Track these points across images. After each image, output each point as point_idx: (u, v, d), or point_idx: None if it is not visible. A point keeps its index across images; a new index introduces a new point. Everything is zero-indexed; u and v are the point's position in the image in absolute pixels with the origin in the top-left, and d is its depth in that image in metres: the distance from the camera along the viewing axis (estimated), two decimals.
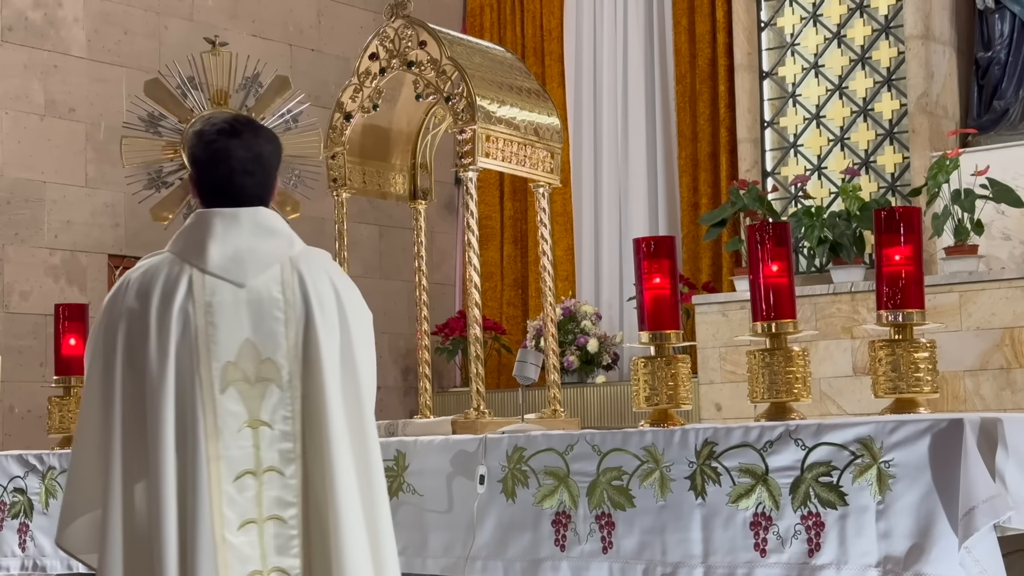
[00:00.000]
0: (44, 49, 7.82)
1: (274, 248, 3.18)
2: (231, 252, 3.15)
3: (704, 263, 8.96)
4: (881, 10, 8.12)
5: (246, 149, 3.21)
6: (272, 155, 3.26)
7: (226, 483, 3.07)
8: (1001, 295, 6.96)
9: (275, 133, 3.37)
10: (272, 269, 3.15)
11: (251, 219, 3.19)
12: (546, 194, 4.76)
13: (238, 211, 3.19)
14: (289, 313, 3.13)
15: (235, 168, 3.20)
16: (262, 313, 3.13)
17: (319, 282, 3.17)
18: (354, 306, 3.23)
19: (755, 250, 3.70)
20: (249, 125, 3.28)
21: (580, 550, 3.64)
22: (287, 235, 3.22)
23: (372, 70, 4.64)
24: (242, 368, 3.11)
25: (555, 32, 9.80)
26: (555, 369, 4.73)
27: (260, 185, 3.23)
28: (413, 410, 9.05)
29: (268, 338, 3.12)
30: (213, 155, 3.22)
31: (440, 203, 9.46)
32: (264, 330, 3.12)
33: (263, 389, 3.11)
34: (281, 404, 3.11)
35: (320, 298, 3.16)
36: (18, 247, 7.63)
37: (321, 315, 3.14)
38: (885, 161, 8.07)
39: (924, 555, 3.13)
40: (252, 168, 3.21)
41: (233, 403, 3.09)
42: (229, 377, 3.11)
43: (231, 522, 3.06)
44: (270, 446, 3.10)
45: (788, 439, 3.36)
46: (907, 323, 3.57)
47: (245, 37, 8.81)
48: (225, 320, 3.12)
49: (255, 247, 3.16)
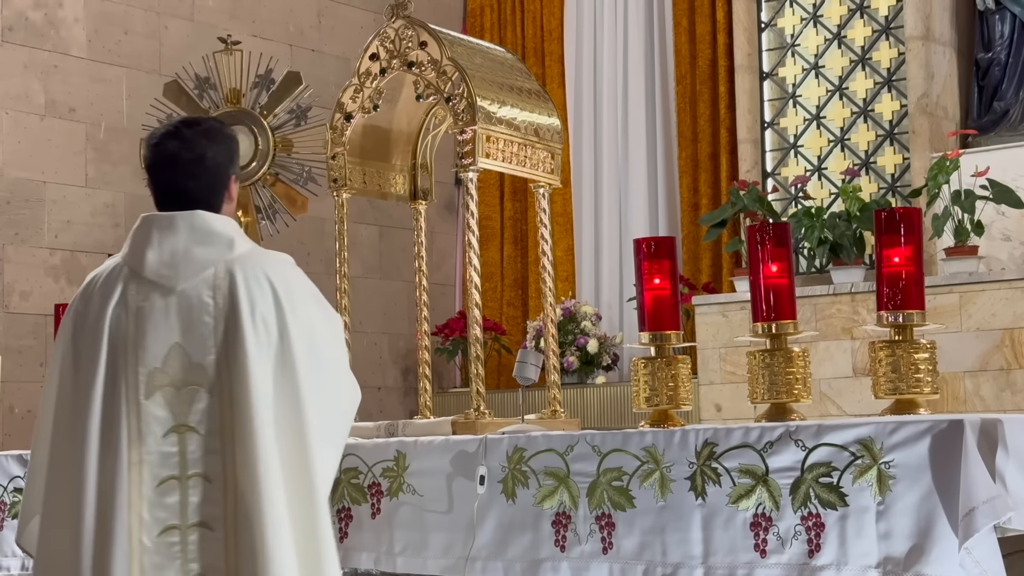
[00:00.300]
0: (44, 49, 7.82)
1: (209, 252, 3.15)
2: (166, 257, 3.15)
3: (704, 264, 8.96)
4: (881, 11, 8.12)
5: (188, 151, 3.20)
6: (218, 156, 3.23)
7: (148, 488, 3.06)
8: (1001, 296, 6.96)
9: (228, 133, 3.32)
10: (205, 273, 3.13)
11: (188, 223, 3.17)
12: (546, 194, 4.76)
13: (175, 216, 3.19)
14: (218, 317, 3.10)
15: (178, 171, 3.21)
16: (192, 318, 3.11)
17: (252, 284, 3.12)
18: (298, 307, 3.16)
19: (755, 251, 3.70)
20: (195, 127, 3.25)
21: (580, 550, 3.64)
22: (227, 238, 3.18)
23: (372, 70, 4.64)
24: (169, 373, 3.10)
25: (555, 33, 9.80)
26: (555, 370, 4.73)
27: (207, 188, 3.22)
28: (413, 410, 9.05)
29: (198, 343, 3.10)
30: (157, 159, 3.23)
31: (440, 203, 9.46)
32: (194, 335, 3.11)
33: (192, 394, 3.09)
34: (209, 409, 3.08)
35: (252, 300, 3.10)
36: (18, 247, 7.63)
37: (250, 318, 3.09)
38: (885, 162, 8.07)
39: (924, 556, 3.13)
40: (195, 170, 3.20)
41: (159, 408, 3.08)
42: (156, 382, 3.10)
43: (151, 527, 3.05)
44: (197, 452, 3.07)
45: (788, 440, 3.36)
46: (907, 324, 3.57)
47: (245, 37, 8.80)
48: (154, 325, 3.12)
49: (189, 251, 3.15)
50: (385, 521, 4.00)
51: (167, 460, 3.07)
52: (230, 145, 3.29)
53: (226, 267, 3.13)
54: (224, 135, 3.29)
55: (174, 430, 3.08)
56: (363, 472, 4.06)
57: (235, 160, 3.32)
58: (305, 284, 3.25)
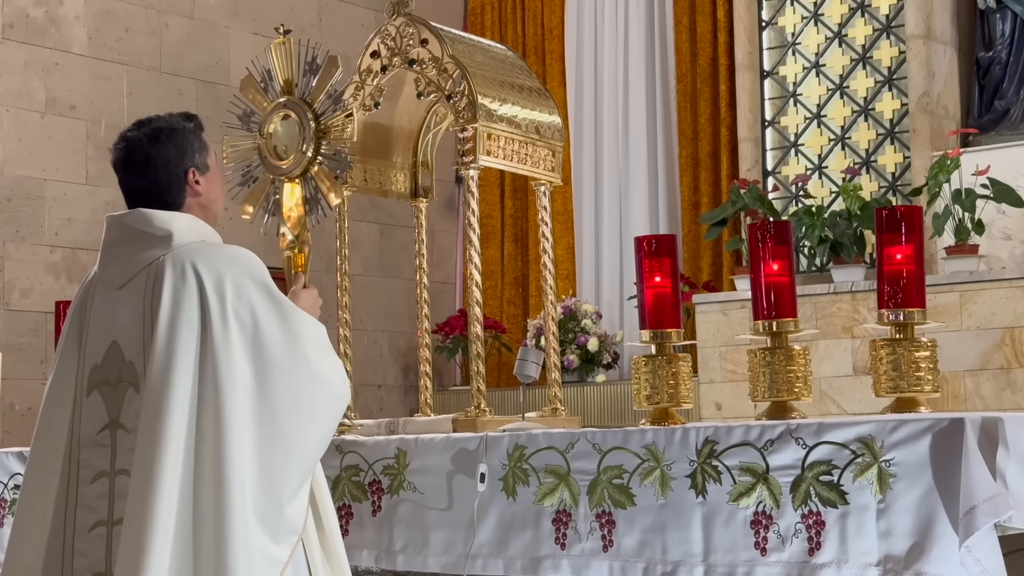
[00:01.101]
0: (45, 47, 7.82)
1: (148, 249, 3.18)
2: (111, 256, 3.25)
3: (704, 262, 8.96)
4: (882, 10, 8.12)
5: (135, 153, 3.28)
6: (165, 154, 3.26)
7: (84, 485, 3.12)
8: (1001, 295, 6.96)
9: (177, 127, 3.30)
10: (141, 272, 3.17)
11: (130, 221, 3.25)
12: (547, 192, 4.75)
13: (121, 215, 3.28)
14: (147, 315, 3.12)
15: (128, 173, 3.30)
16: (129, 316, 3.16)
17: (177, 278, 3.09)
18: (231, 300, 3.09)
19: (756, 249, 3.70)
20: (142, 128, 3.30)
21: (580, 548, 3.64)
22: (165, 233, 3.18)
23: (373, 68, 4.64)
24: (106, 371, 3.15)
25: (556, 31, 9.80)
26: (556, 368, 4.73)
27: (159, 186, 3.26)
28: (413, 408, 9.05)
29: (131, 341, 3.14)
30: (113, 163, 3.33)
31: (440, 202, 9.46)
32: (129, 333, 3.15)
33: (123, 392, 3.12)
34: (136, 407, 3.08)
35: (175, 295, 3.08)
36: (19, 244, 7.63)
37: (169, 313, 3.07)
38: (886, 161, 8.07)
39: (925, 554, 3.13)
40: (143, 171, 3.27)
41: (96, 405, 3.15)
42: (94, 380, 3.16)
43: (83, 524, 3.10)
44: (124, 449, 3.09)
45: (789, 438, 3.36)
46: (908, 322, 3.57)
47: (246, 35, 8.81)
48: (98, 324, 3.20)
49: (129, 250, 3.21)
50: (386, 519, 4.00)
51: (101, 456, 3.12)
52: (180, 141, 3.28)
53: (159, 263, 3.15)
54: (172, 131, 3.28)
55: (108, 427, 3.13)
56: (364, 470, 4.06)
57: (190, 154, 3.29)
58: (254, 277, 3.16)
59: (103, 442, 3.11)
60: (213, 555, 2.98)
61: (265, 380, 3.07)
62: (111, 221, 3.30)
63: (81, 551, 3.08)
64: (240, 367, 3.05)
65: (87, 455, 3.12)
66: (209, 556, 2.98)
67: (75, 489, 3.12)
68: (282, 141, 4.25)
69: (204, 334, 3.06)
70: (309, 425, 3.12)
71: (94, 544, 3.08)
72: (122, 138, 3.32)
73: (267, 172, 4.25)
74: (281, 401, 3.08)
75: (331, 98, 4.13)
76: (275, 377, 3.08)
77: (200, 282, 3.09)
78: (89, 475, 3.11)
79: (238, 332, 3.07)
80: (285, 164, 4.22)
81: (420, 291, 4.94)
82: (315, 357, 3.17)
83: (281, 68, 4.28)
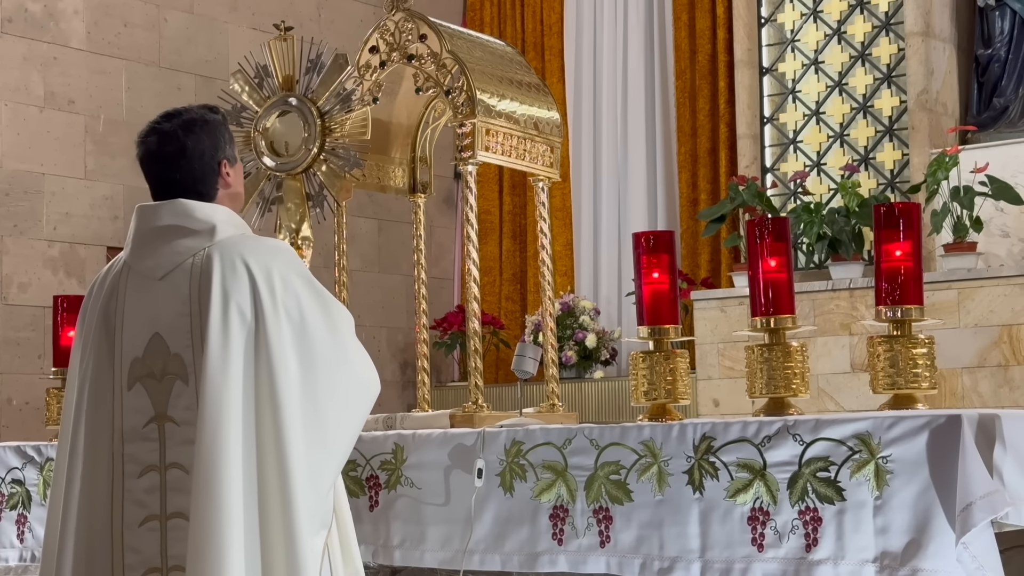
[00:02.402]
0: (44, 41, 7.81)
1: (190, 240, 3.15)
2: (149, 247, 3.17)
3: (703, 259, 8.97)
4: (881, 7, 8.12)
5: (168, 145, 3.22)
6: (200, 145, 3.23)
7: (130, 479, 3.06)
8: (999, 292, 6.96)
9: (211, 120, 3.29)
10: (185, 262, 3.13)
11: (169, 211, 3.19)
12: (546, 188, 4.75)
13: (158, 206, 3.21)
14: (194, 308, 3.09)
15: (161, 165, 3.23)
16: (172, 308, 3.11)
17: (228, 270, 3.09)
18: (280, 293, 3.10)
19: (754, 245, 3.69)
20: (175, 119, 3.26)
21: (578, 544, 3.64)
22: (208, 225, 3.17)
23: (372, 63, 4.63)
24: (149, 364, 3.10)
25: (555, 27, 9.79)
26: (553, 364, 4.73)
27: (193, 178, 3.22)
28: (411, 404, 9.05)
29: (176, 333, 3.10)
30: (143, 155, 3.26)
31: (439, 198, 9.45)
32: (173, 325, 3.10)
33: (170, 385, 3.08)
34: (186, 400, 3.07)
35: (225, 288, 3.07)
36: (17, 239, 7.63)
37: (221, 307, 3.06)
38: (884, 158, 8.07)
39: (921, 550, 3.13)
40: (178, 162, 3.21)
41: (140, 399, 3.09)
42: (136, 373, 3.10)
43: (134, 519, 3.05)
44: (175, 442, 3.06)
45: (786, 434, 3.36)
46: (906, 319, 3.57)
47: (245, 30, 8.80)
48: (137, 316, 3.13)
49: (170, 241, 3.15)
50: (383, 514, 4.00)
51: (148, 450, 3.07)
52: (214, 132, 3.28)
53: (206, 255, 3.12)
54: (205, 123, 3.27)
55: (154, 420, 3.08)
56: (361, 465, 4.06)
57: (222, 145, 3.29)
58: (296, 270, 3.20)
59: (150, 436, 3.07)
60: (283, 553, 3.01)
61: (311, 374, 3.10)
62: (147, 210, 3.22)
63: (132, 546, 3.03)
64: (291, 362, 3.08)
65: (132, 449, 3.06)
66: (279, 554, 3.01)
67: (120, 484, 3.05)
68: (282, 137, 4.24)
69: (257, 328, 3.07)
70: (347, 418, 3.18)
71: (145, 539, 3.04)
72: (152, 130, 3.25)
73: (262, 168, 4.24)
74: (323, 394, 3.11)
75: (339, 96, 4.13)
76: (319, 371, 3.11)
77: (251, 275, 3.10)
78: (136, 469, 3.05)
79: (287, 326, 3.09)
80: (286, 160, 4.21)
81: (419, 286, 4.94)
82: (352, 350, 3.23)
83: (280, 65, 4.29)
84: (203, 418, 3.00)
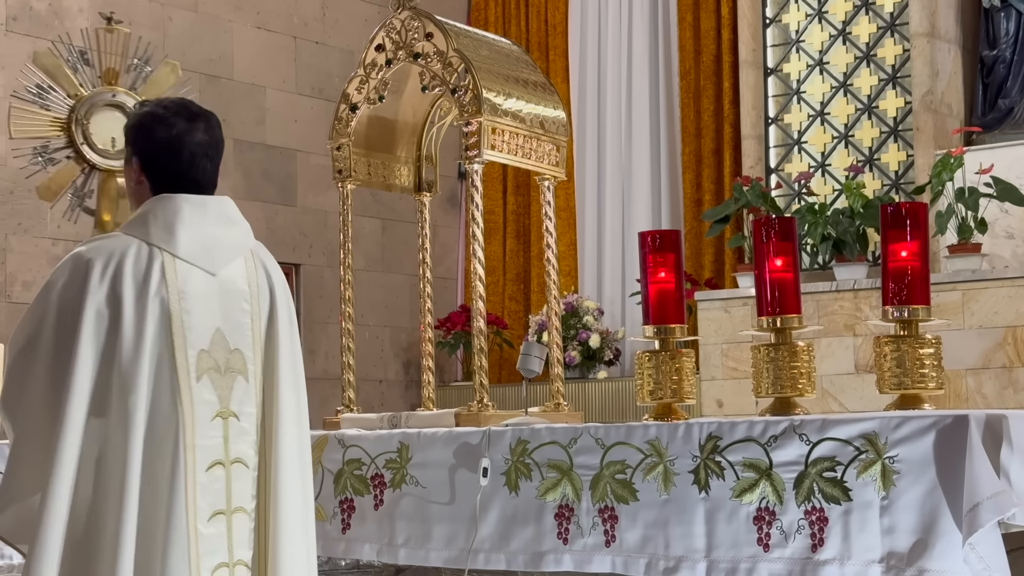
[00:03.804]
0: (48, 39, 7.80)
1: (238, 238, 3.18)
2: (200, 240, 3.12)
3: (707, 259, 8.96)
4: (887, 8, 8.11)
5: (205, 133, 3.17)
6: (223, 141, 3.25)
7: (200, 472, 3.05)
8: (1004, 294, 6.95)
9: None
10: (237, 260, 3.15)
11: (217, 207, 3.17)
12: (551, 187, 4.74)
13: (206, 199, 3.16)
14: (254, 305, 3.14)
15: (196, 153, 3.15)
16: (230, 304, 3.12)
17: (276, 275, 3.22)
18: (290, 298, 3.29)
19: (761, 245, 3.69)
20: (201, 109, 3.23)
21: (583, 543, 3.63)
22: (246, 225, 3.22)
23: (378, 61, 4.63)
24: (214, 357, 3.09)
25: (560, 27, 9.79)
26: (559, 363, 4.72)
27: (216, 171, 3.21)
28: (415, 404, 9.05)
29: (236, 329, 3.12)
30: (174, 139, 3.14)
31: (443, 197, 9.45)
32: (232, 321, 3.12)
33: (232, 380, 3.11)
34: (247, 395, 3.11)
35: (285, 292, 3.22)
36: (21, 237, 7.62)
37: (285, 309, 3.19)
38: (889, 159, 8.06)
39: (928, 551, 3.13)
40: (211, 153, 3.18)
41: (207, 392, 3.08)
42: (203, 365, 3.09)
43: (203, 512, 3.05)
44: (237, 437, 3.09)
45: (792, 434, 3.36)
46: (912, 319, 3.56)
47: (249, 29, 8.80)
48: (198, 308, 3.09)
49: (221, 236, 3.15)
50: (388, 512, 4.00)
51: (214, 445, 3.08)
52: None
53: (254, 256, 3.19)
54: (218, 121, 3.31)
55: (220, 415, 3.09)
56: (366, 463, 4.06)
57: None
58: None
59: (215, 429, 3.08)
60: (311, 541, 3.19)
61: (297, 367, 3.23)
62: (199, 202, 3.14)
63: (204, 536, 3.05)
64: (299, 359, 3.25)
65: (200, 442, 3.06)
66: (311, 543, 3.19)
67: (193, 475, 3.04)
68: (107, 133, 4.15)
69: (292, 329, 3.21)
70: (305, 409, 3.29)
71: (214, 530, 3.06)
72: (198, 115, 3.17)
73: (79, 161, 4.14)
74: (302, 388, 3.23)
75: None
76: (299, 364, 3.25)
77: (284, 278, 3.26)
78: (204, 462, 3.06)
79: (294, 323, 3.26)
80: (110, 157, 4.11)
81: (423, 285, 4.93)
82: None
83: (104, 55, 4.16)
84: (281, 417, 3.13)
